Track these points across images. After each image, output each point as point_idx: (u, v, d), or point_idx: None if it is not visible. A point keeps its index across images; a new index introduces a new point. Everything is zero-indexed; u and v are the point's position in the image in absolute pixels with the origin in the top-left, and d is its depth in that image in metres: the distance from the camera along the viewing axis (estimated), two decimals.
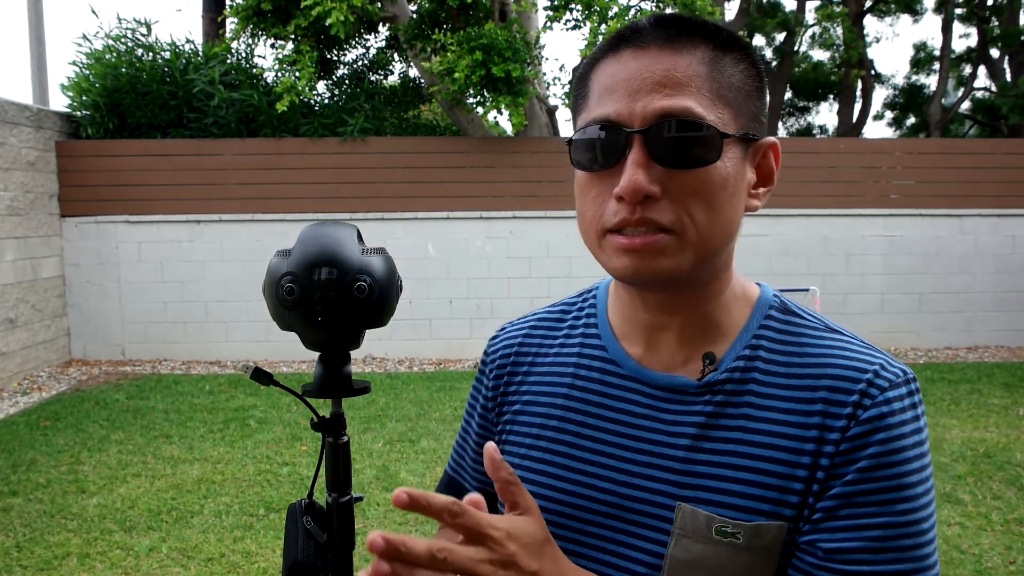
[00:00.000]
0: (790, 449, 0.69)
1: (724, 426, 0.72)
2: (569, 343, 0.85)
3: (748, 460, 0.70)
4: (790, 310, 0.77)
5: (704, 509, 0.70)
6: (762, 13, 13.84)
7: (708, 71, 0.68)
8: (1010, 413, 5.28)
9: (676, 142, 0.66)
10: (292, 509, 1.01)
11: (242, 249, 7.01)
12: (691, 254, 0.69)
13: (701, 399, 0.73)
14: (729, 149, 0.69)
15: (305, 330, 0.94)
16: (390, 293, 0.96)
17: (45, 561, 3.16)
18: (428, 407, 5.48)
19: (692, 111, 0.67)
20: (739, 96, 0.70)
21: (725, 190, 0.69)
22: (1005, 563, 3.13)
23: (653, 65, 0.68)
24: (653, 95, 0.67)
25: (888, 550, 0.65)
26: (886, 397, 0.67)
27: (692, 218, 0.68)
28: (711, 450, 0.71)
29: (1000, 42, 12.63)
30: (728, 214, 0.70)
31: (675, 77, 0.67)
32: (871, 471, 0.66)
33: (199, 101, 7.18)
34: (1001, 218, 7.39)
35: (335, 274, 0.91)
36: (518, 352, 0.88)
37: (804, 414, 0.70)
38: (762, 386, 0.72)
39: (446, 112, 7.99)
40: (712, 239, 0.69)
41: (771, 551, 0.68)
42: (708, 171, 0.67)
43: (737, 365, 0.74)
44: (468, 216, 7.12)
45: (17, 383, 6.20)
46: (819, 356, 0.72)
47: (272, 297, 0.93)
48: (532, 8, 7.30)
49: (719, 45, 0.70)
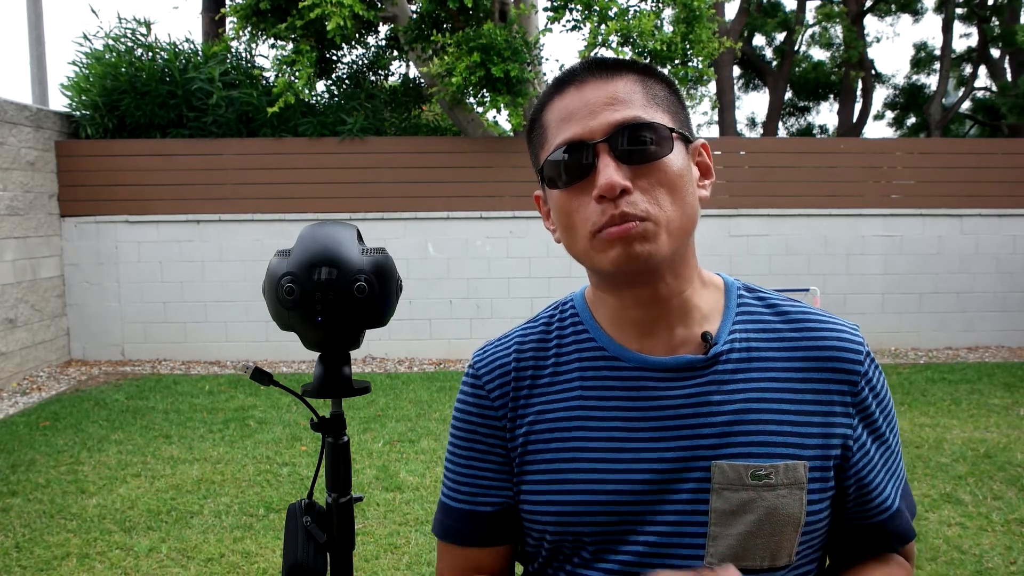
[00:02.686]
0: (799, 401, 0.84)
1: (739, 389, 0.83)
2: (564, 352, 0.89)
3: (765, 414, 0.83)
4: (754, 290, 0.92)
5: (739, 462, 0.81)
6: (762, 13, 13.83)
7: (641, 88, 0.82)
8: (1011, 413, 5.27)
9: (633, 143, 0.79)
10: (292, 509, 1.00)
11: (242, 249, 7.01)
12: (667, 237, 0.79)
13: (711, 370, 0.84)
14: (676, 144, 0.81)
15: (305, 330, 0.94)
16: (390, 293, 0.96)
17: (45, 561, 3.16)
18: (428, 407, 5.48)
19: (640, 117, 0.80)
20: (670, 106, 0.84)
21: (683, 178, 0.81)
22: (1006, 563, 3.12)
23: (596, 92, 0.81)
24: (604, 112, 0.80)
25: (896, 455, 0.90)
26: (870, 355, 0.88)
27: (661, 206, 0.79)
28: (732, 411, 0.82)
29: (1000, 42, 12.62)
30: (689, 200, 0.82)
31: (617, 96, 0.81)
32: (877, 409, 0.87)
33: (199, 101, 7.18)
34: (1002, 218, 7.39)
35: (335, 274, 0.90)
36: (516, 368, 0.90)
37: (811, 370, 0.85)
38: (763, 351, 0.86)
39: (446, 112, 7.98)
40: (681, 223, 0.81)
41: (799, 486, 0.81)
42: (665, 163, 0.80)
43: (734, 337, 0.86)
44: (468, 216, 7.12)
45: (17, 383, 6.19)
46: (801, 324, 0.88)
47: (272, 297, 0.93)
48: (532, 9, 7.30)
49: (638, 71, 0.84)
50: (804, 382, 0.84)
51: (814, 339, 0.86)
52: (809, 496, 0.82)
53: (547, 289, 7.08)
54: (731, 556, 0.80)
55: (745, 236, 7.26)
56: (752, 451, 0.81)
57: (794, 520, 0.81)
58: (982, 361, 6.97)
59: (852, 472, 0.85)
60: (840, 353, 0.85)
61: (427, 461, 4.34)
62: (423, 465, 4.28)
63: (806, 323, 0.88)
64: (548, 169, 0.82)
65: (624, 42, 7.03)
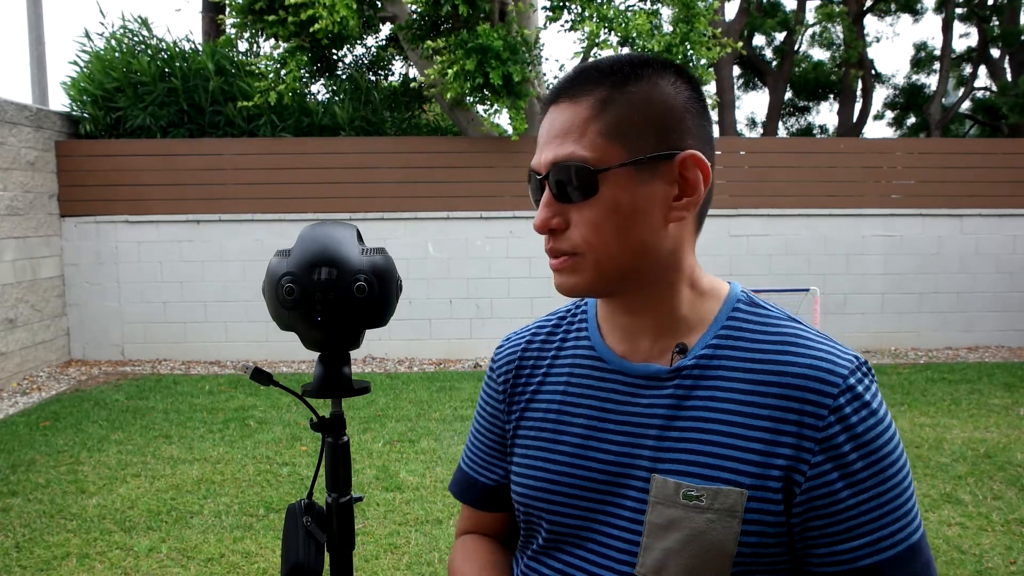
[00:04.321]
0: (748, 426, 0.79)
1: (692, 406, 0.82)
2: (564, 347, 0.96)
3: (711, 435, 0.80)
4: (756, 303, 0.87)
5: (674, 479, 0.80)
6: (762, 12, 13.83)
7: (595, 114, 0.81)
8: (1011, 413, 5.27)
9: (560, 183, 0.81)
10: (292, 509, 1.00)
11: (242, 249, 7.01)
12: (596, 271, 0.82)
13: (672, 383, 0.84)
14: (612, 180, 0.80)
15: (305, 330, 0.94)
16: (390, 293, 0.96)
17: (44, 561, 3.16)
18: (428, 407, 5.48)
19: (572, 155, 0.80)
20: (635, 125, 0.80)
21: (617, 214, 0.80)
22: (1006, 563, 3.12)
23: (556, 119, 0.83)
24: (550, 146, 0.82)
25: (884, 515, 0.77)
26: (854, 393, 0.78)
27: (590, 242, 0.81)
28: (680, 427, 0.82)
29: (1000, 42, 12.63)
30: (631, 234, 0.81)
31: (564, 128, 0.81)
32: (853, 453, 0.77)
33: (199, 100, 7.18)
34: (1002, 218, 7.39)
35: (335, 274, 0.90)
36: (519, 362, 0.99)
37: (771, 395, 0.80)
38: (728, 371, 0.82)
39: (446, 112, 7.98)
40: (619, 257, 0.81)
41: (733, 514, 0.78)
42: (593, 203, 0.80)
43: (705, 352, 0.84)
44: (468, 216, 7.12)
45: (17, 383, 6.19)
46: (784, 346, 0.82)
47: (272, 297, 0.93)
48: (531, 9, 7.30)
49: (615, 84, 0.81)
50: (761, 407, 0.79)
51: (787, 362, 0.80)
52: (745, 527, 0.78)
53: (547, 289, 7.08)
54: (654, 570, 0.80)
55: (745, 236, 7.27)
56: (688, 470, 0.80)
57: (722, 550, 0.78)
58: (982, 361, 6.97)
59: (801, 511, 0.78)
60: (808, 381, 0.78)
61: (427, 461, 4.34)
62: (423, 465, 4.28)
63: (790, 344, 0.82)
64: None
65: (623, 42, 7.03)
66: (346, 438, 1.04)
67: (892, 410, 5.34)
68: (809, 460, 0.77)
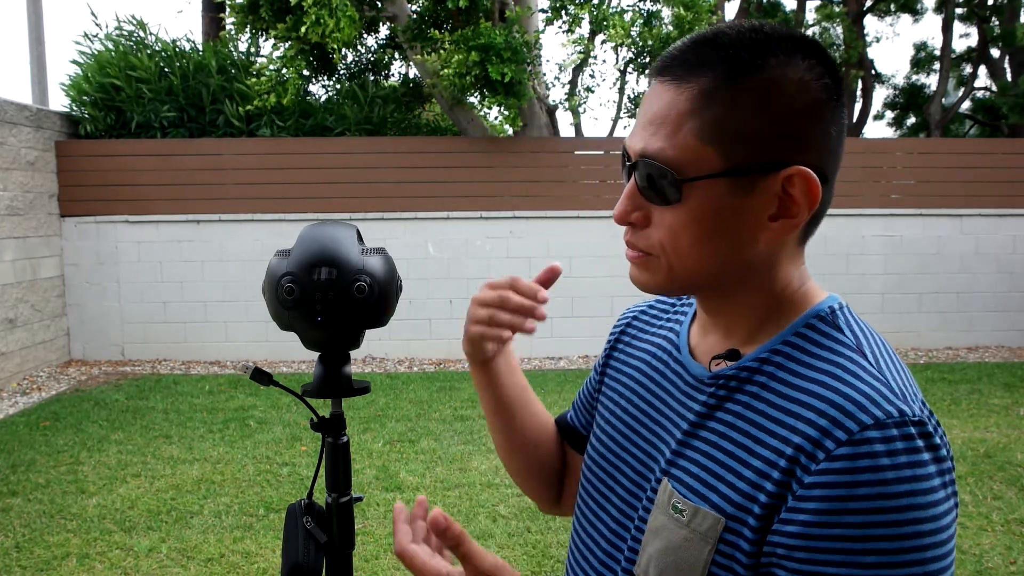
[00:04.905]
0: (753, 451, 0.72)
1: (718, 417, 0.77)
2: (664, 326, 0.95)
3: (719, 452, 0.75)
4: (835, 323, 0.76)
5: (673, 486, 0.77)
6: (762, 12, 13.82)
7: (697, 108, 0.71)
8: (1010, 413, 5.27)
9: (647, 181, 0.74)
10: (292, 509, 1.00)
11: (242, 249, 7.01)
12: (668, 275, 0.77)
13: (708, 390, 0.80)
14: (699, 189, 0.72)
15: (305, 330, 0.94)
16: (390, 293, 0.96)
17: (45, 561, 3.16)
18: (428, 407, 5.48)
19: (660, 154, 0.72)
20: (740, 128, 0.70)
21: (699, 226, 0.73)
22: (1006, 563, 3.13)
23: (654, 101, 0.74)
24: (642, 133, 0.74)
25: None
26: (865, 436, 0.64)
27: (665, 247, 0.75)
28: (700, 436, 0.78)
29: (1000, 42, 12.63)
30: (709, 247, 0.74)
31: (661, 115, 0.73)
32: (830, 514, 0.64)
33: (199, 100, 7.18)
34: (1002, 218, 7.39)
35: (335, 274, 0.90)
36: (626, 328, 1.01)
37: (787, 425, 0.70)
38: (766, 389, 0.75)
39: (446, 112, 7.98)
40: (693, 267, 0.76)
41: (707, 538, 0.73)
42: (675, 209, 0.74)
43: (751, 365, 0.77)
44: (468, 216, 7.12)
45: (17, 383, 6.19)
46: (828, 376, 0.71)
47: (272, 297, 0.93)
48: (529, 11, 7.30)
49: (727, 74, 0.70)
50: (773, 434, 0.71)
51: (818, 393, 0.70)
52: (717, 556, 0.72)
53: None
54: (643, 572, 0.78)
55: None
56: (688, 481, 0.76)
57: (691, 571, 0.73)
58: (982, 361, 6.97)
59: (769, 554, 0.69)
60: (832, 410, 0.67)
61: (427, 461, 4.34)
62: (423, 465, 4.28)
63: (836, 375, 0.71)
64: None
65: (622, 43, 7.03)
66: (346, 438, 1.04)
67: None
68: (796, 495, 0.66)
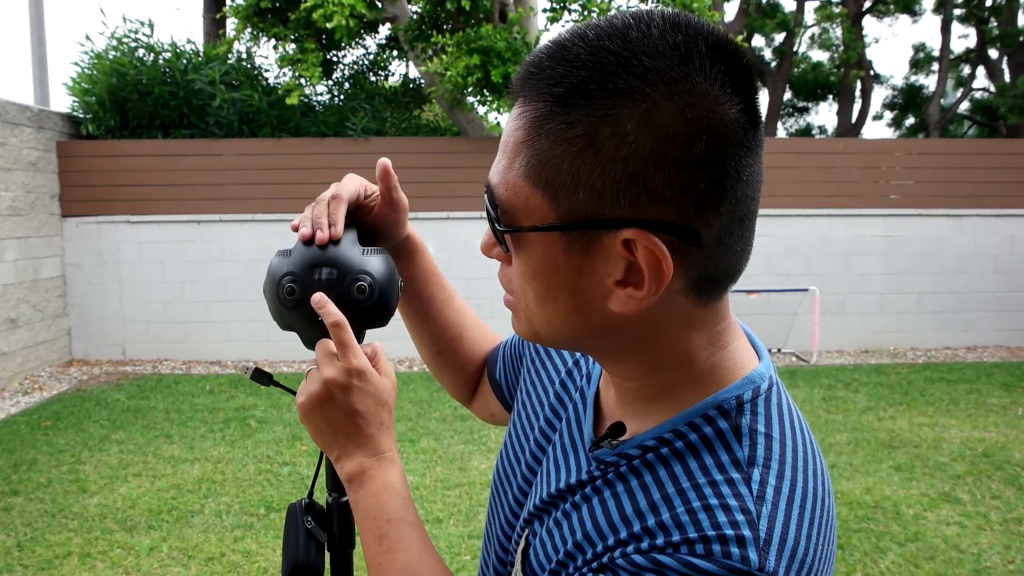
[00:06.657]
0: (603, 536, 0.60)
1: (586, 496, 0.65)
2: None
3: (576, 530, 0.63)
4: (735, 425, 0.59)
5: (532, 543, 0.69)
6: (761, 14, 13.83)
7: (530, 136, 0.54)
8: (1009, 413, 5.28)
9: (488, 219, 0.60)
10: (292, 509, 1.01)
11: (242, 249, 7.02)
12: (530, 328, 0.63)
13: (587, 467, 0.67)
14: (532, 241, 0.57)
15: (305, 330, 0.95)
16: (390, 293, 0.97)
17: (46, 560, 3.17)
18: (428, 407, 5.49)
19: (495, 191, 0.58)
20: (571, 172, 0.52)
21: (538, 282, 0.58)
22: (1004, 562, 3.14)
23: (508, 122, 0.58)
24: (497, 157, 0.60)
25: None
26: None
27: (519, 296, 0.62)
28: (569, 503, 0.66)
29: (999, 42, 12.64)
30: (554, 307, 0.59)
31: (504, 142, 0.58)
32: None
33: (200, 101, 7.19)
34: (1000, 218, 7.40)
35: (335, 274, 0.91)
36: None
37: (632, 534, 0.58)
38: (637, 479, 0.61)
39: (446, 112, 8.00)
40: (547, 325, 0.61)
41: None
42: (512, 257, 0.60)
43: (631, 453, 0.62)
44: (468, 216, 7.13)
45: (18, 383, 6.20)
46: (690, 494, 0.57)
47: (272, 297, 0.94)
48: (530, 12, 7.31)
49: (570, 92, 0.52)
50: (618, 532, 0.60)
51: (674, 511, 0.56)
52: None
53: None
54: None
55: None
56: (537, 546, 0.67)
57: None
58: (980, 361, 6.98)
59: None
60: (673, 533, 0.55)
61: (427, 461, 4.36)
62: (423, 465, 4.29)
63: (699, 494, 0.56)
64: None
65: None
66: None
67: (891, 410, 5.35)
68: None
